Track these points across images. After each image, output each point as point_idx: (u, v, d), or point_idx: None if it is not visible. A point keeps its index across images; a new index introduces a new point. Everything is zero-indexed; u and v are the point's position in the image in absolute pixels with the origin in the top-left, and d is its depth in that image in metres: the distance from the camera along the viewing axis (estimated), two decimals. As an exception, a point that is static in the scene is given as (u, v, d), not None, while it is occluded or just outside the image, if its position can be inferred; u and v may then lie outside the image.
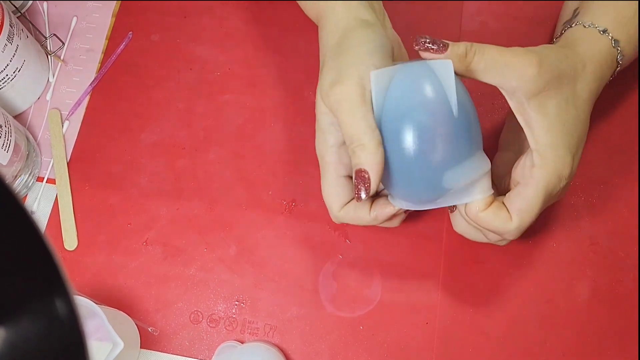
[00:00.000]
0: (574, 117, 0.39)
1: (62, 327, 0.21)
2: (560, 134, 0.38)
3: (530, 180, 0.38)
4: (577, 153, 0.39)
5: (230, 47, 0.56)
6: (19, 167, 0.51)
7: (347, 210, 0.42)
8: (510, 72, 0.37)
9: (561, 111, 0.38)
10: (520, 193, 0.39)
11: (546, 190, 0.38)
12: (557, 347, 0.46)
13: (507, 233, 0.39)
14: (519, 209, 0.38)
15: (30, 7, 0.59)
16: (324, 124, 0.41)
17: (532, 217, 0.39)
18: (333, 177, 0.41)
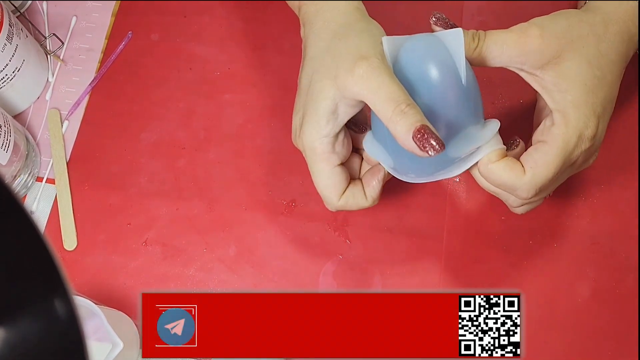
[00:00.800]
0: (598, 78, 0.37)
1: (62, 327, 0.21)
2: (582, 93, 0.36)
3: (549, 137, 0.37)
4: (604, 116, 0.37)
5: (230, 47, 0.56)
6: (18, 167, 0.51)
7: (346, 199, 0.41)
8: (512, 50, 0.37)
9: (582, 71, 0.36)
10: (537, 148, 0.37)
11: (566, 148, 0.36)
12: (557, 347, 0.46)
13: (520, 189, 0.37)
14: (534, 162, 0.37)
15: (29, 7, 0.59)
16: (323, 112, 0.38)
17: (548, 174, 0.36)
18: (328, 168, 0.40)
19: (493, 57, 0.38)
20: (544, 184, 0.37)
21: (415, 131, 0.34)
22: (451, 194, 0.50)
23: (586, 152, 0.38)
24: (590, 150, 0.38)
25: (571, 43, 0.37)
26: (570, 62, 0.37)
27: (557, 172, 0.37)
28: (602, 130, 0.38)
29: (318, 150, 0.39)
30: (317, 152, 0.40)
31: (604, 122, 0.38)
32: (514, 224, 0.49)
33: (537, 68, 0.37)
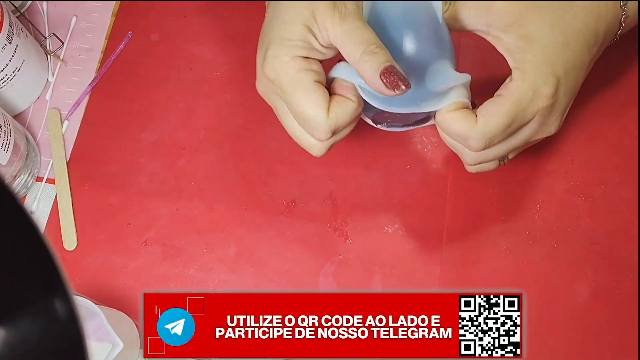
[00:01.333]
0: (560, 42, 0.38)
1: (62, 327, 0.21)
2: (541, 53, 0.37)
3: (505, 90, 0.38)
4: (566, 80, 0.38)
5: (230, 47, 0.56)
6: (18, 167, 0.51)
7: (334, 110, 0.37)
8: (478, 11, 0.39)
9: (543, 34, 0.38)
10: (492, 100, 0.38)
11: (519, 101, 0.37)
12: (557, 347, 0.46)
13: (470, 137, 0.38)
14: (486, 112, 0.38)
15: (29, 7, 0.59)
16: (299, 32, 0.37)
17: (498, 123, 0.37)
18: (307, 84, 0.37)
19: (462, 18, 0.39)
20: (494, 133, 0.37)
21: (383, 70, 0.35)
22: (451, 194, 0.50)
23: (543, 112, 0.38)
24: (547, 111, 0.38)
25: (535, 7, 0.38)
26: (532, 24, 0.38)
27: (508, 122, 0.37)
28: (564, 94, 0.38)
29: (292, 71, 0.37)
30: (292, 73, 0.37)
31: (568, 86, 0.38)
32: (514, 224, 0.49)
33: (502, 30, 0.38)
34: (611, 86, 0.51)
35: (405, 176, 0.50)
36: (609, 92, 0.51)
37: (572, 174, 0.50)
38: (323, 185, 0.51)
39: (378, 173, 0.51)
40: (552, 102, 0.38)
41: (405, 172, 0.51)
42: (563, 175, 0.50)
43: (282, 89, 0.38)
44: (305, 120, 0.38)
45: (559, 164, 0.50)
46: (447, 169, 0.50)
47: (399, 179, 0.51)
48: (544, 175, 0.50)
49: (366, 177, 0.51)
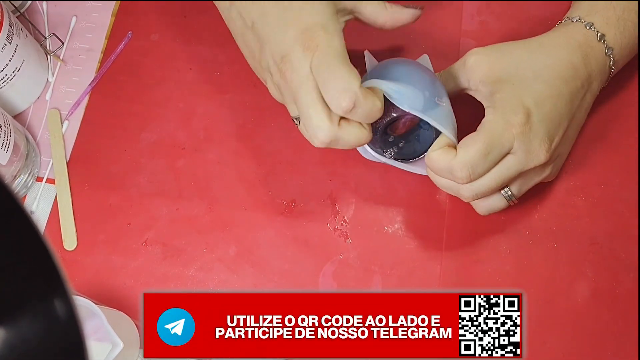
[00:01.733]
0: (530, 78, 0.42)
1: (62, 327, 0.21)
2: (509, 89, 0.41)
3: (479, 127, 0.41)
4: (539, 109, 0.41)
5: (230, 47, 0.56)
6: (18, 167, 0.51)
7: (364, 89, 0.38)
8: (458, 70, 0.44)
9: (511, 74, 0.42)
10: (469, 136, 0.41)
11: (491, 130, 0.40)
12: (557, 347, 0.46)
13: (453, 168, 0.41)
14: (463, 144, 0.41)
15: (29, 7, 0.59)
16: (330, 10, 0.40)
17: (475, 152, 0.40)
18: (347, 59, 0.38)
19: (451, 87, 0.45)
20: (473, 160, 0.40)
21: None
22: (451, 194, 0.50)
23: (520, 139, 0.40)
24: (525, 137, 0.40)
25: (503, 55, 0.43)
26: (500, 70, 0.42)
27: (484, 149, 0.40)
28: (539, 121, 0.41)
29: (337, 41, 0.39)
30: (337, 43, 0.39)
31: (542, 114, 0.41)
32: (514, 224, 0.49)
33: (479, 82, 0.43)
34: (611, 86, 0.51)
35: (405, 176, 0.50)
36: (609, 92, 0.51)
37: (572, 174, 0.50)
38: (323, 185, 0.51)
39: (378, 173, 0.51)
40: (527, 129, 0.40)
41: (405, 172, 0.51)
42: (563, 175, 0.50)
43: (322, 54, 0.38)
44: (337, 81, 0.38)
45: (559, 164, 0.50)
46: (447, 169, 0.50)
47: (399, 179, 0.51)
48: (544, 175, 0.50)
49: (366, 177, 0.51)
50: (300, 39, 0.38)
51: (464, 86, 0.44)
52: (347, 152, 0.51)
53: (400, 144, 0.46)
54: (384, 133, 0.44)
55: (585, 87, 0.44)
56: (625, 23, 0.44)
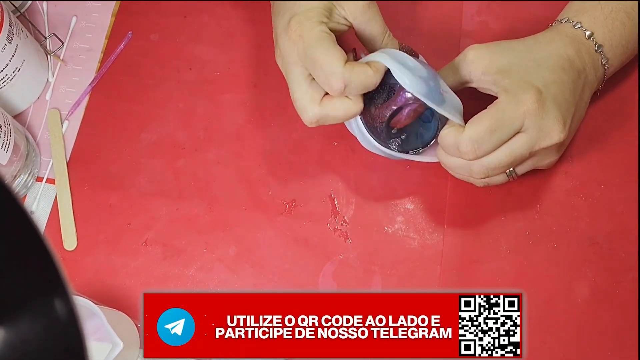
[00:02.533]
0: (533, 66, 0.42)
1: (62, 327, 0.21)
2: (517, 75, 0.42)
3: (489, 106, 0.42)
4: (548, 91, 0.41)
5: (230, 47, 0.56)
6: (18, 167, 0.51)
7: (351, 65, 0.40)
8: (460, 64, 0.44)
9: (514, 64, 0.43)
10: (478, 115, 0.42)
11: (501, 108, 0.41)
12: (557, 347, 0.46)
13: (460, 144, 0.41)
14: (471, 121, 0.42)
15: (29, 7, 0.59)
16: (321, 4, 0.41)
17: (482, 127, 0.41)
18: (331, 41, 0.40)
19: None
20: (479, 135, 0.41)
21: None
22: (451, 194, 0.50)
23: (531, 115, 0.41)
24: (537, 114, 0.41)
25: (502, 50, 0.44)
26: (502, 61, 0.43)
27: (491, 124, 0.41)
28: (551, 101, 0.41)
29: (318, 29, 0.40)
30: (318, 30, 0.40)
31: (552, 95, 0.42)
32: (514, 224, 0.49)
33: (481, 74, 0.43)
34: (611, 86, 0.51)
35: (405, 176, 0.51)
36: (609, 92, 0.51)
37: (572, 174, 0.50)
38: (323, 185, 0.51)
39: (378, 173, 0.51)
40: (539, 107, 0.41)
41: (405, 172, 0.51)
42: (563, 175, 0.50)
43: (305, 44, 0.40)
44: (322, 67, 0.40)
45: (559, 164, 0.50)
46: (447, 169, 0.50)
47: (399, 179, 0.51)
48: (544, 175, 0.50)
49: (366, 177, 0.51)
50: (287, 28, 0.41)
51: (465, 79, 0.45)
52: (347, 152, 0.51)
53: (403, 135, 0.46)
54: (387, 125, 0.44)
55: (582, 79, 0.44)
56: (613, 22, 0.45)
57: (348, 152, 0.51)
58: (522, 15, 0.55)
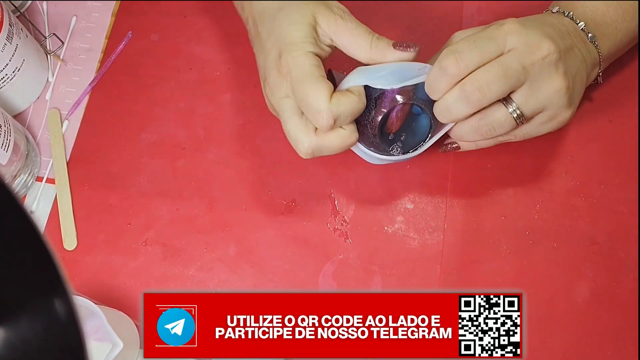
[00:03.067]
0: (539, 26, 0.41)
1: (62, 327, 0.21)
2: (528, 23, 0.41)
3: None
4: (560, 44, 0.41)
5: (230, 47, 0.56)
6: (18, 166, 0.51)
7: (337, 99, 0.40)
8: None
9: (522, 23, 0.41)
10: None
11: (479, 28, 0.41)
12: (557, 347, 0.46)
13: (441, 59, 0.40)
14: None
15: (29, 7, 0.59)
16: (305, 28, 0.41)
17: (460, 42, 0.40)
18: (318, 76, 0.40)
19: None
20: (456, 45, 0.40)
21: (394, 44, 0.42)
22: (451, 194, 0.50)
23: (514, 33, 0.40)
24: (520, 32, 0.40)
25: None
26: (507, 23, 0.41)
27: (470, 38, 0.40)
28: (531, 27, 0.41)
29: (307, 63, 0.40)
30: (307, 65, 0.40)
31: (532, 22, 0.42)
32: (514, 224, 0.49)
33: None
34: (611, 86, 0.51)
35: (405, 176, 0.51)
36: (609, 92, 0.51)
37: (572, 174, 0.50)
38: (323, 185, 0.51)
39: (378, 173, 0.51)
40: (520, 27, 0.40)
41: (405, 172, 0.51)
42: (563, 175, 0.50)
43: (292, 80, 0.40)
44: (309, 105, 0.40)
45: (559, 164, 0.50)
46: (447, 169, 0.50)
47: (399, 179, 0.51)
48: (544, 175, 0.50)
49: (366, 177, 0.51)
50: (276, 64, 0.41)
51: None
52: (347, 152, 0.51)
53: (402, 137, 0.45)
54: (382, 134, 0.44)
55: (574, 51, 0.43)
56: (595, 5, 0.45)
57: (348, 152, 0.51)
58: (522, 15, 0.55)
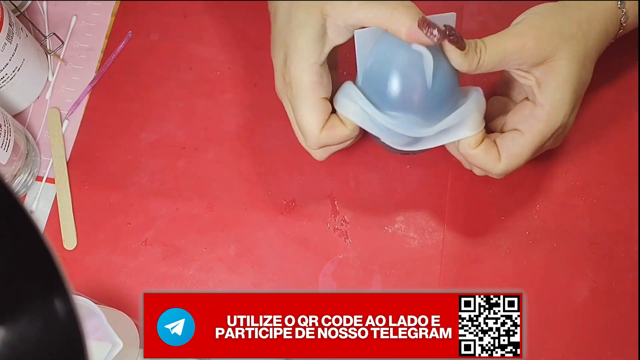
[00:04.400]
0: (583, 77, 0.40)
1: (61, 327, 0.21)
2: (569, 92, 0.39)
3: (526, 127, 0.40)
4: (576, 107, 0.41)
5: (230, 47, 0.56)
6: (18, 166, 0.51)
7: (327, 131, 0.41)
8: (511, 55, 0.39)
9: (572, 71, 0.39)
10: (514, 139, 0.41)
11: (541, 141, 0.40)
12: (557, 347, 0.46)
13: (492, 173, 0.42)
14: (509, 154, 0.41)
15: (29, 6, 0.59)
16: (311, 37, 0.39)
17: (520, 163, 0.41)
18: (315, 99, 0.40)
19: (495, 64, 0.39)
20: (515, 168, 0.41)
21: (420, 22, 0.37)
22: (451, 194, 0.50)
23: (556, 138, 0.42)
24: (560, 136, 0.42)
25: (564, 43, 0.39)
26: (563, 61, 0.39)
27: (528, 159, 0.41)
28: (572, 120, 0.42)
29: (306, 80, 0.40)
30: (305, 82, 0.40)
31: (575, 112, 0.41)
32: (514, 224, 0.49)
33: (532, 66, 0.39)
34: (611, 86, 0.51)
35: (405, 176, 0.50)
36: (609, 92, 0.51)
37: (572, 174, 0.50)
38: (323, 185, 0.51)
39: (378, 173, 0.51)
40: (565, 129, 0.41)
41: (405, 172, 0.51)
42: (563, 175, 0.50)
43: (292, 95, 0.41)
44: (302, 128, 0.41)
45: (559, 164, 0.50)
46: (447, 169, 0.50)
47: (399, 179, 0.51)
48: (544, 175, 0.50)
49: (366, 177, 0.51)
50: (281, 68, 0.41)
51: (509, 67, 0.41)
52: (347, 152, 0.51)
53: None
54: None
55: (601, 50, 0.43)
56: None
57: (348, 152, 0.51)
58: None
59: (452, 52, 0.38)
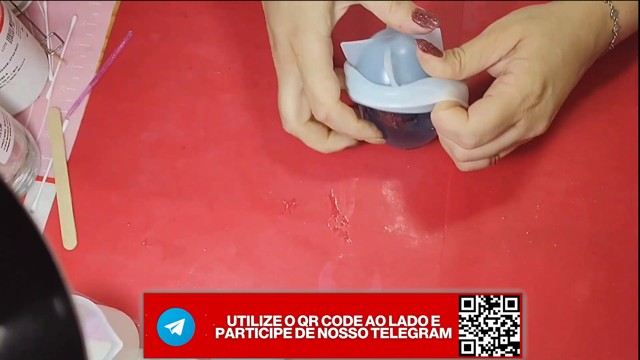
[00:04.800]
0: (557, 55, 0.41)
1: (61, 326, 0.21)
2: (538, 62, 0.40)
3: (495, 91, 0.40)
4: (553, 89, 0.41)
5: (230, 47, 0.56)
6: (18, 166, 0.51)
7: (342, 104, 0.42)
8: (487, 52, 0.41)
9: (542, 45, 0.40)
10: (483, 100, 0.41)
11: (508, 104, 0.40)
12: (557, 347, 0.46)
13: (462, 134, 0.40)
14: (476, 110, 0.40)
15: (30, 6, 0.59)
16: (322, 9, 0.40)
17: (487, 122, 0.39)
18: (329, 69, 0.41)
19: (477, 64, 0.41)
20: (484, 131, 0.40)
21: (414, 13, 0.39)
22: (451, 194, 0.50)
23: (529, 114, 0.41)
24: (533, 113, 0.41)
25: (534, 23, 0.41)
26: (534, 36, 0.40)
27: (498, 121, 0.40)
28: (550, 99, 0.41)
29: (319, 50, 0.41)
30: (319, 53, 0.41)
31: (555, 94, 0.41)
32: (514, 224, 0.49)
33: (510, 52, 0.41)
34: (611, 86, 0.51)
35: (405, 176, 0.50)
36: (609, 92, 0.51)
37: (572, 174, 0.50)
38: (323, 185, 0.51)
39: (378, 173, 0.51)
40: (537, 107, 0.41)
41: (405, 172, 0.51)
42: (563, 175, 0.50)
43: (302, 65, 0.41)
44: (314, 96, 0.42)
45: (559, 164, 0.50)
46: (447, 169, 0.50)
47: (399, 179, 0.51)
48: (544, 175, 0.50)
49: (366, 177, 0.51)
50: (288, 38, 0.42)
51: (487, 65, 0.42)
52: (347, 152, 0.51)
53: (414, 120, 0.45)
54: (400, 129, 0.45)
55: (587, 64, 0.44)
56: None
57: (348, 152, 0.51)
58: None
59: (431, 61, 0.40)
